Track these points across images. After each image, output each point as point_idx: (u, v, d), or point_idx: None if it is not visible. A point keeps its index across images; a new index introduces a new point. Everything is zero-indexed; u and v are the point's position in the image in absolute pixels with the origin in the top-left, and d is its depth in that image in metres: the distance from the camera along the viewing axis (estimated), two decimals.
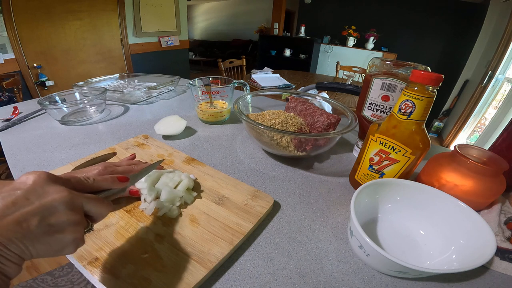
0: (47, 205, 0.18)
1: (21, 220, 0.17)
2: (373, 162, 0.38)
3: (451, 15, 3.07)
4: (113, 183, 0.26)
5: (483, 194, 0.34)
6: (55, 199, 0.19)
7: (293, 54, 3.88)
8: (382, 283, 0.28)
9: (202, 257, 0.28)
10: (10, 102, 1.55)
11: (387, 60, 0.43)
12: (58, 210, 0.19)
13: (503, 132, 0.42)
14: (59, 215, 0.19)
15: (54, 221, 0.18)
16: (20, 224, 0.17)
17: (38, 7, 1.79)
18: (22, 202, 0.18)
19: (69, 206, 0.19)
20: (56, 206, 0.19)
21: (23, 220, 0.17)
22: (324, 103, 0.60)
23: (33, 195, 0.18)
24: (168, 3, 2.66)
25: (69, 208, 0.19)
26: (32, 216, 0.17)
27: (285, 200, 0.40)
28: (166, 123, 0.56)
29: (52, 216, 0.18)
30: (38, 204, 0.18)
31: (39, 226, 0.18)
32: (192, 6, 6.08)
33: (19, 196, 0.18)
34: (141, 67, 2.65)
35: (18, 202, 0.18)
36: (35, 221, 0.17)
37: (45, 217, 0.18)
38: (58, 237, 0.19)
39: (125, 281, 0.25)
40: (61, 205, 0.19)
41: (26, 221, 0.17)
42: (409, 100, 0.32)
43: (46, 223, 0.18)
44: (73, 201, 0.20)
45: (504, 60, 2.07)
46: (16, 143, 0.53)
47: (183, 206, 0.35)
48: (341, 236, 0.34)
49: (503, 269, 0.30)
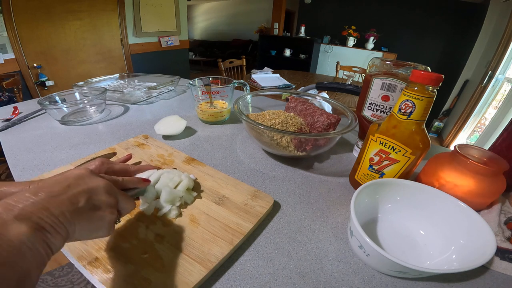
0: (93, 188, 0.23)
1: (73, 198, 0.21)
2: (373, 162, 0.38)
3: (451, 15, 3.07)
4: (138, 183, 0.32)
5: (483, 194, 0.34)
6: (98, 184, 0.24)
7: (293, 54, 3.88)
8: (382, 283, 0.28)
9: (202, 257, 0.28)
10: (10, 102, 1.55)
11: (387, 60, 0.43)
12: (100, 192, 0.24)
13: (503, 132, 0.42)
14: (100, 196, 0.24)
15: (96, 200, 0.23)
16: (72, 200, 0.21)
17: (38, 7, 1.79)
18: (74, 186, 0.22)
19: (108, 191, 0.25)
20: (99, 189, 0.24)
21: (74, 198, 0.21)
22: (324, 103, 0.60)
23: (82, 181, 0.23)
24: (168, 3, 2.66)
25: (108, 193, 0.25)
26: (81, 195, 0.22)
27: (285, 200, 0.40)
28: (166, 123, 0.56)
29: (96, 196, 0.23)
30: (86, 187, 0.23)
31: (86, 204, 0.22)
32: (192, 6, 6.08)
33: (72, 182, 0.23)
34: (141, 67, 2.65)
35: (71, 185, 0.22)
36: (83, 199, 0.22)
37: (90, 197, 0.23)
38: (98, 215, 0.23)
39: (125, 281, 0.25)
40: (102, 189, 0.24)
41: (77, 198, 0.22)
42: (409, 100, 0.32)
43: (91, 202, 0.23)
44: (111, 188, 0.25)
45: (504, 60, 2.07)
46: (16, 143, 0.53)
47: (183, 206, 0.35)
48: (341, 236, 0.34)
49: (503, 269, 0.30)
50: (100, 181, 0.24)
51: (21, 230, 0.17)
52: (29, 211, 0.18)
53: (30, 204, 0.19)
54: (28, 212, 0.18)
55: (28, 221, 0.18)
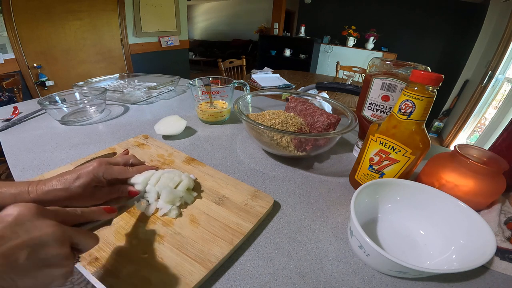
0: (37, 240, 0.18)
1: (8, 254, 0.17)
2: (373, 162, 0.38)
3: (451, 15, 3.07)
4: (101, 215, 0.26)
5: (483, 194, 0.34)
6: (46, 234, 0.19)
7: (293, 54, 3.88)
8: (382, 283, 0.28)
9: (202, 257, 0.28)
10: (10, 102, 1.55)
11: (387, 60, 0.43)
12: (48, 244, 0.18)
13: (503, 132, 0.42)
14: (49, 249, 0.18)
15: (44, 255, 0.18)
16: (7, 257, 0.16)
17: (38, 7, 1.79)
18: (10, 235, 0.17)
19: (59, 240, 0.19)
20: (47, 241, 0.18)
21: (10, 254, 0.17)
22: (324, 103, 0.60)
23: (20, 229, 0.18)
24: (168, 3, 2.66)
25: (59, 243, 0.19)
26: (20, 250, 0.17)
27: (285, 200, 0.40)
28: (166, 123, 0.56)
29: (42, 250, 0.18)
30: (26, 238, 0.18)
31: (28, 260, 0.17)
32: (192, 6, 6.08)
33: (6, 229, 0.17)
34: (141, 67, 2.65)
35: (4, 235, 0.17)
36: (23, 255, 0.17)
37: (34, 251, 0.18)
38: (48, 271, 0.18)
39: (125, 281, 0.25)
40: (51, 240, 0.19)
41: (13, 255, 0.17)
42: (409, 100, 0.32)
43: (36, 257, 0.18)
44: (63, 235, 0.20)
45: (504, 60, 2.07)
46: (16, 143, 0.53)
47: (183, 206, 0.35)
48: (341, 236, 0.34)
49: (503, 269, 0.30)
50: (48, 228, 0.19)
51: None
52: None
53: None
54: None
55: None
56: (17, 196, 0.27)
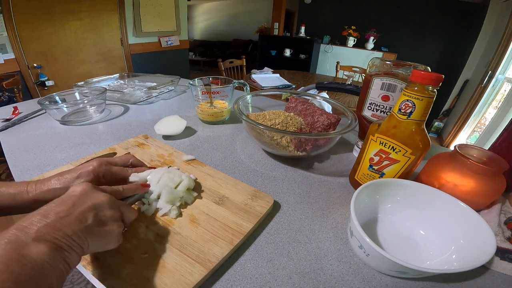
0: (97, 204, 0.24)
1: (81, 217, 0.22)
2: (373, 162, 0.38)
3: (451, 15, 3.07)
4: (137, 189, 0.33)
5: (483, 194, 0.34)
6: (102, 200, 0.25)
7: (293, 54, 3.88)
8: (382, 283, 0.28)
9: (202, 257, 0.28)
10: (10, 102, 1.55)
11: (387, 60, 0.43)
12: (104, 208, 0.25)
13: (503, 132, 0.42)
14: (106, 211, 0.25)
15: (103, 216, 0.24)
16: (80, 219, 0.22)
17: (38, 7, 1.79)
18: (79, 203, 0.23)
19: (111, 205, 0.26)
20: (103, 205, 0.25)
21: (82, 216, 0.23)
22: (324, 103, 0.60)
23: (86, 198, 0.24)
24: (168, 3, 2.66)
25: (111, 207, 0.26)
26: (88, 213, 0.23)
27: (285, 200, 0.40)
28: (166, 123, 0.56)
29: (101, 212, 0.24)
30: (90, 204, 0.24)
31: (94, 220, 0.23)
32: (192, 6, 6.08)
33: (76, 200, 0.24)
34: (141, 67, 2.65)
35: (76, 203, 0.23)
36: (90, 216, 0.23)
37: (96, 213, 0.24)
38: (107, 229, 0.24)
39: (125, 281, 0.25)
40: (106, 204, 0.25)
41: (84, 216, 0.23)
42: (409, 100, 0.32)
43: (98, 218, 0.24)
44: (114, 201, 0.26)
45: (504, 60, 2.07)
46: (16, 143, 0.53)
47: (183, 206, 0.35)
48: (341, 236, 0.34)
49: (503, 269, 0.30)
50: (103, 196, 0.26)
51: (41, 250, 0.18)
52: (45, 232, 0.20)
53: (44, 226, 0.20)
54: (43, 233, 0.20)
55: (46, 242, 0.19)
56: (16, 195, 0.27)
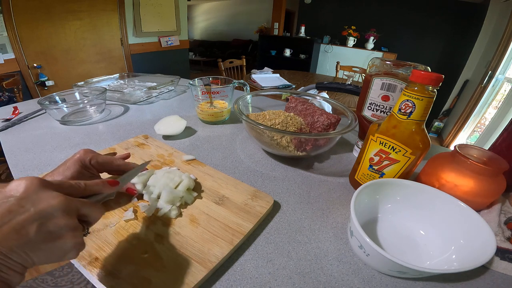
0: (44, 211, 0.18)
1: (19, 228, 0.17)
2: (373, 162, 0.38)
3: (451, 15, 3.07)
4: (104, 187, 0.25)
5: (483, 194, 0.34)
6: (51, 205, 0.19)
7: (293, 54, 3.88)
8: (382, 283, 0.28)
9: (202, 257, 0.28)
10: (10, 102, 1.55)
11: (387, 60, 0.43)
12: (55, 215, 0.19)
13: (503, 132, 0.42)
14: (56, 220, 0.19)
15: (52, 227, 0.18)
16: (19, 232, 0.17)
17: (38, 7, 1.79)
18: (18, 210, 0.17)
19: (65, 211, 0.19)
20: (53, 212, 0.18)
21: (21, 227, 0.17)
22: (324, 103, 0.60)
23: (27, 202, 0.18)
24: (168, 3, 2.66)
25: (66, 213, 0.19)
26: (30, 223, 0.17)
27: (285, 200, 0.40)
28: (166, 123, 0.56)
29: (50, 222, 0.18)
30: (34, 210, 0.18)
31: (38, 233, 0.17)
32: (192, 6, 6.07)
33: (14, 204, 0.17)
34: (141, 67, 2.65)
35: (13, 209, 0.17)
36: (33, 228, 0.17)
37: (43, 223, 0.18)
38: (59, 243, 0.19)
39: (125, 281, 0.25)
40: (57, 210, 0.19)
41: (24, 229, 0.17)
42: (409, 100, 0.32)
43: (45, 230, 0.18)
44: (69, 206, 0.20)
45: (504, 60, 2.07)
46: (16, 143, 0.53)
47: (183, 206, 0.35)
48: (341, 236, 0.34)
49: (503, 269, 0.30)
50: (52, 199, 0.19)
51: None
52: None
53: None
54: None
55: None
56: None
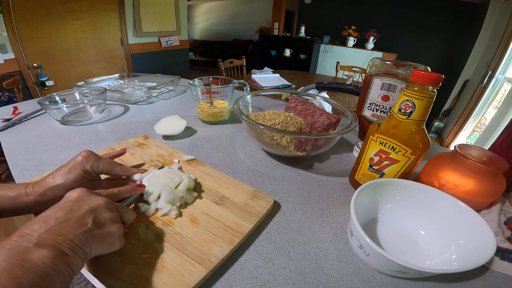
0: (94, 207, 0.24)
1: (80, 220, 0.23)
2: (373, 162, 0.38)
3: (451, 15, 3.07)
4: (134, 190, 0.33)
5: (483, 194, 0.34)
6: (99, 203, 0.25)
7: (293, 54, 3.88)
8: (382, 283, 0.28)
9: (202, 257, 0.28)
10: (10, 102, 1.55)
11: (387, 60, 0.43)
12: (102, 210, 0.25)
13: (503, 132, 0.42)
14: (104, 214, 0.25)
15: (102, 218, 0.24)
16: (80, 223, 0.22)
17: (38, 7, 1.79)
18: (77, 208, 0.23)
19: (108, 207, 0.26)
20: (100, 208, 0.25)
21: (81, 220, 0.23)
22: (324, 103, 0.60)
23: (82, 202, 0.24)
24: (168, 3, 2.66)
25: (109, 209, 0.26)
26: (87, 216, 0.23)
27: (285, 200, 0.40)
28: (166, 123, 0.56)
29: (100, 215, 0.24)
30: (87, 207, 0.24)
31: (93, 223, 0.23)
32: (192, 6, 6.08)
33: (73, 205, 0.24)
34: (141, 67, 2.65)
35: (73, 208, 0.23)
36: (90, 219, 0.23)
37: (95, 216, 0.24)
38: (107, 232, 0.24)
39: (125, 281, 0.25)
40: (103, 206, 0.25)
41: (83, 220, 0.23)
42: (409, 100, 0.32)
43: (97, 221, 0.24)
44: (110, 204, 0.26)
45: (504, 60, 2.07)
46: (16, 143, 0.53)
47: (183, 206, 0.35)
48: (341, 236, 0.34)
49: (503, 269, 0.30)
50: (99, 199, 0.25)
51: (44, 255, 0.18)
52: (46, 238, 0.20)
53: (45, 232, 0.20)
54: (45, 239, 0.20)
55: (47, 247, 0.19)
56: (16, 199, 0.28)
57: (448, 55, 3.19)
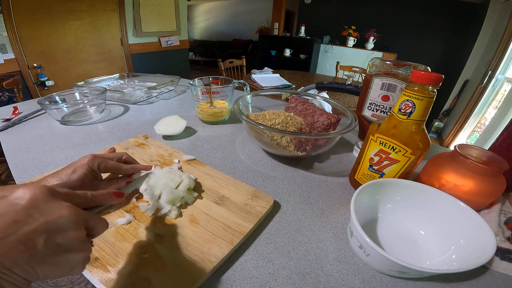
0: (54, 222, 0.17)
1: (25, 240, 0.15)
2: (373, 162, 0.38)
3: (451, 15, 3.07)
4: (110, 198, 0.25)
5: (483, 194, 0.34)
6: (62, 216, 0.17)
7: (293, 54, 3.88)
8: (382, 283, 0.28)
9: (202, 257, 0.28)
10: (10, 102, 1.55)
11: (387, 60, 0.43)
12: (65, 227, 0.17)
13: (503, 132, 0.42)
14: (67, 233, 0.17)
15: (62, 239, 0.17)
16: (25, 244, 0.15)
17: (38, 7, 1.79)
18: (25, 219, 0.16)
19: (76, 223, 0.18)
20: (63, 224, 0.17)
21: (28, 239, 0.15)
22: (324, 103, 0.60)
23: (36, 211, 0.17)
24: (168, 3, 2.66)
25: (76, 225, 0.18)
26: (38, 235, 0.16)
27: (285, 200, 0.40)
28: (166, 123, 0.56)
29: (60, 234, 0.17)
30: (43, 221, 0.16)
31: (46, 246, 0.16)
32: (192, 6, 6.07)
33: (20, 213, 0.16)
34: (141, 67, 2.65)
35: (20, 219, 0.16)
36: (41, 240, 0.16)
37: (52, 235, 0.17)
38: (67, 257, 0.18)
39: (125, 281, 0.25)
40: (68, 222, 0.18)
41: (31, 241, 0.16)
42: (409, 100, 0.32)
43: (54, 242, 0.17)
44: (79, 216, 0.19)
45: (504, 60, 2.07)
46: (16, 143, 0.53)
47: (183, 206, 0.35)
48: (341, 236, 0.34)
49: (503, 269, 0.30)
50: (64, 210, 0.18)
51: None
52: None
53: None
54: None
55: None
56: None
57: (448, 55, 3.19)
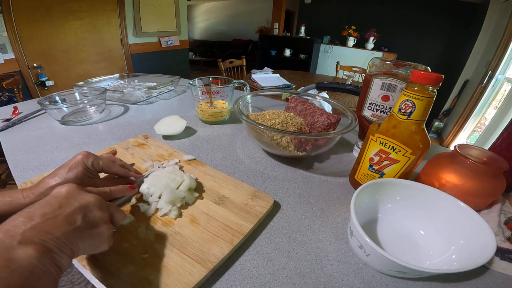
0: (84, 205, 0.24)
1: (68, 218, 0.21)
2: (373, 162, 0.38)
3: (451, 15, 3.07)
4: (126, 191, 0.32)
5: (483, 194, 0.34)
6: (89, 201, 0.24)
7: (293, 54, 3.88)
8: (382, 283, 0.28)
9: (202, 257, 0.28)
10: (10, 102, 1.55)
11: (387, 60, 0.43)
12: (92, 208, 0.24)
13: (503, 132, 0.42)
14: (94, 212, 0.24)
15: (91, 217, 0.23)
16: (69, 220, 0.21)
17: (38, 7, 1.79)
18: (66, 205, 0.22)
19: (99, 206, 0.25)
20: (91, 206, 0.24)
21: (70, 217, 0.22)
22: (324, 103, 0.60)
23: (72, 199, 0.23)
24: (168, 3, 2.66)
25: (100, 208, 0.25)
26: (76, 214, 0.22)
27: (285, 200, 0.40)
28: (166, 123, 0.56)
29: (90, 213, 0.23)
30: (77, 205, 0.23)
31: (82, 222, 0.22)
32: (192, 6, 6.08)
33: (63, 201, 0.23)
34: (141, 67, 2.65)
35: (63, 205, 0.22)
36: (79, 217, 0.22)
37: (85, 214, 0.23)
38: (97, 231, 0.23)
39: (125, 281, 0.25)
40: (94, 205, 0.24)
41: (73, 218, 0.22)
42: (409, 100, 0.32)
43: (87, 220, 0.23)
44: (102, 202, 0.25)
45: (504, 60, 2.07)
46: (16, 143, 0.53)
47: (183, 206, 0.35)
48: (341, 236, 0.34)
49: (503, 269, 0.30)
50: (90, 197, 0.25)
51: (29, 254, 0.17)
52: (31, 235, 0.18)
53: (30, 229, 0.19)
54: (30, 236, 0.18)
55: (33, 245, 0.18)
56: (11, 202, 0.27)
57: (448, 55, 3.19)
